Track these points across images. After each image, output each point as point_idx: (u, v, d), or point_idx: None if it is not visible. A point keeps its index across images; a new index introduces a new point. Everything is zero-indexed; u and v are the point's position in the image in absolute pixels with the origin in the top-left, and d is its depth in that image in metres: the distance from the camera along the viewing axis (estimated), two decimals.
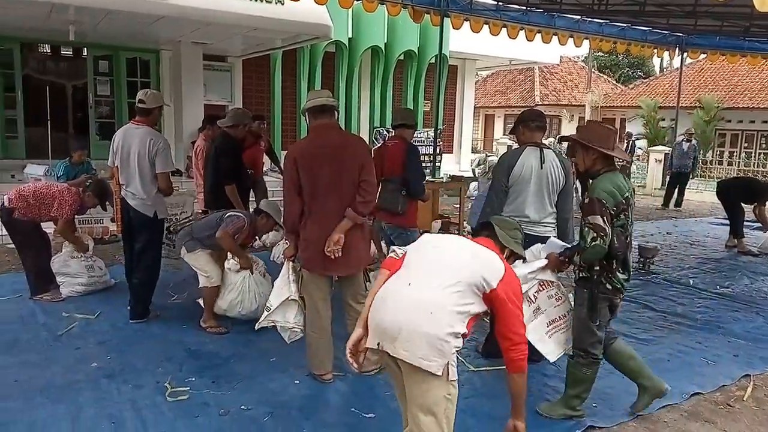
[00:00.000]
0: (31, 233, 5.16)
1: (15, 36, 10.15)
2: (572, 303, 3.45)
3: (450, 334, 2.32)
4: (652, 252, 7.24)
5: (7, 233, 5.42)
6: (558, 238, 4.10)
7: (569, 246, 3.55)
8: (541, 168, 3.93)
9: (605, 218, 3.05)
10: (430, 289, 2.38)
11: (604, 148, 3.17)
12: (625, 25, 9.95)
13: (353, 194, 3.56)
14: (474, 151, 19.98)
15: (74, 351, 4.13)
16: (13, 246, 5.81)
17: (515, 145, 4.56)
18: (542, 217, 3.99)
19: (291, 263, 3.82)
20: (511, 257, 2.76)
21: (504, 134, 20.53)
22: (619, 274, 3.21)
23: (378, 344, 2.39)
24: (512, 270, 2.58)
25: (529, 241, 3.93)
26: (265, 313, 3.75)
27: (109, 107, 11.53)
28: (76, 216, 5.42)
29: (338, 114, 3.77)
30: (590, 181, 3.28)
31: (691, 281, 6.63)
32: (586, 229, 3.08)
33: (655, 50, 11.28)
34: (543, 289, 3.46)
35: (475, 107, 19.39)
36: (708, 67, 23.90)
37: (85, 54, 11.39)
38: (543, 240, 4.00)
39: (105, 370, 3.83)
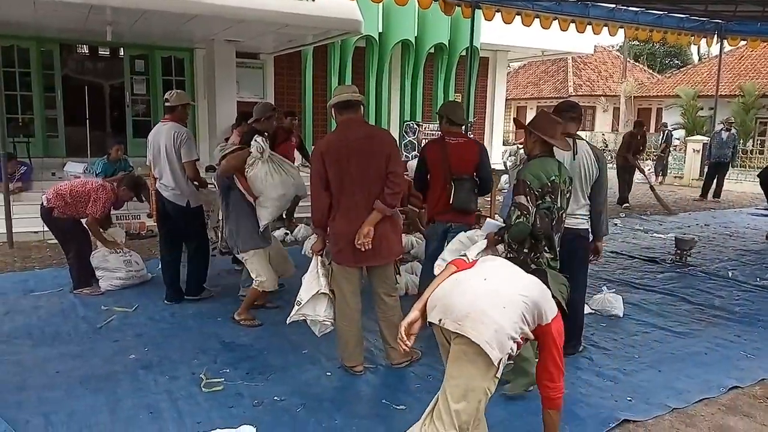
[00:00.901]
0: (71, 229, 5.32)
1: (55, 38, 10.44)
2: None
3: (513, 334, 2.40)
4: (690, 244, 7.08)
5: (48, 230, 5.59)
6: (591, 230, 4.06)
7: (503, 226, 3.56)
8: (574, 159, 3.87)
9: (529, 198, 3.27)
10: (506, 290, 2.49)
11: (544, 135, 3.37)
12: (661, 12, 9.70)
13: (381, 186, 3.58)
14: (505, 143, 19.78)
15: (113, 343, 4.25)
16: (54, 241, 6.01)
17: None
18: (575, 209, 3.93)
19: (319, 257, 3.83)
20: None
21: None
22: (545, 253, 3.36)
23: (440, 320, 2.46)
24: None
25: (563, 234, 3.91)
26: (296, 307, 3.78)
27: (145, 105, 11.77)
28: (113, 211, 5.56)
29: (364, 109, 3.78)
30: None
31: (730, 273, 6.46)
32: (512, 208, 3.27)
33: (692, 38, 10.98)
34: None
35: (506, 99, 19.19)
36: (749, 54, 23.21)
37: (122, 54, 11.63)
38: (578, 232, 3.97)
39: (142, 361, 3.93)
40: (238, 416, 3.23)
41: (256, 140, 4.58)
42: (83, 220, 5.35)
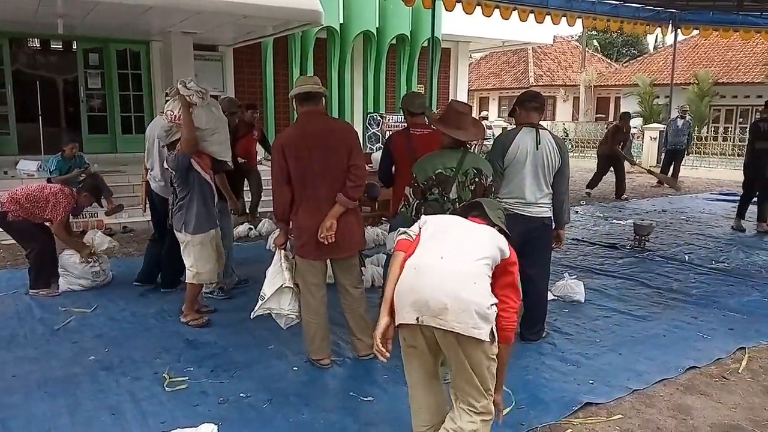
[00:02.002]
0: (30, 230, 5.16)
1: (4, 31, 10.08)
2: None
3: (492, 299, 2.36)
4: (648, 229, 7.25)
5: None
6: (554, 218, 4.13)
7: None
8: (537, 149, 3.92)
9: (413, 190, 3.47)
10: (465, 262, 2.38)
11: (446, 128, 3.47)
12: (617, 2, 9.86)
13: (343, 180, 3.57)
14: None
15: (72, 345, 4.14)
16: (7, 242, 5.81)
17: (509, 127, 4.57)
18: (538, 198, 3.99)
19: (283, 251, 3.80)
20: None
21: (499, 116, 20.42)
22: None
23: (418, 319, 2.36)
24: None
25: (526, 222, 3.96)
26: (260, 302, 3.74)
27: (100, 100, 11.46)
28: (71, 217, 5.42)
29: (326, 101, 3.75)
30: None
31: (687, 257, 6.65)
32: (403, 199, 3.49)
33: (648, 27, 11.19)
34: None
35: (469, 90, 19.34)
36: (702, 42, 23.84)
37: (75, 47, 11.30)
38: (542, 221, 4.02)
39: (103, 362, 3.84)
40: (204, 414, 3.18)
41: (187, 86, 4.39)
42: (47, 224, 5.17)
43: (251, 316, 3.82)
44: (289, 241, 3.85)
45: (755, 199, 8.08)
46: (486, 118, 20.27)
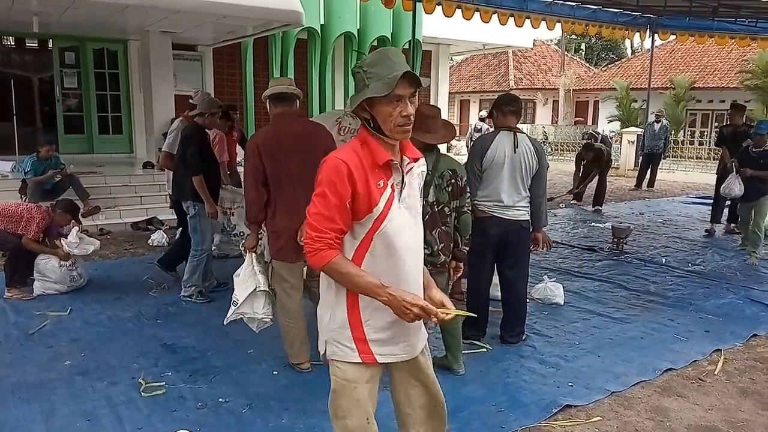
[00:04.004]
0: (5, 237, 5.06)
1: None
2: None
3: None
4: (625, 232, 7.34)
5: None
6: (531, 221, 4.15)
7: None
8: (515, 152, 3.94)
9: None
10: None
11: (416, 131, 3.36)
12: (596, 7, 9.98)
13: None
14: None
15: (47, 349, 4.06)
16: None
17: (487, 130, 4.58)
18: (516, 201, 4.01)
19: (254, 255, 3.74)
20: None
21: (482, 120, 20.51)
22: (434, 246, 3.37)
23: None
24: None
25: (504, 225, 3.99)
26: (233, 307, 3.69)
27: (77, 100, 11.30)
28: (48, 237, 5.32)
29: (302, 102, 3.74)
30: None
31: (664, 260, 6.74)
32: None
33: (626, 32, 11.35)
34: None
35: (450, 92, 19.39)
36: (679, 48, 24.19)
37: (51, 46, 11.13)
38: (519, 224, 4.04)
39: (78, 367, 3.77)
40: (181, 420, 3.14)
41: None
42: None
43: (224, 323, 3.78)
44: (260, 244, 3.81)
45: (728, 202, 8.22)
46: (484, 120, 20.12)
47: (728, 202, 8.19)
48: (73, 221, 5.44)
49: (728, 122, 8.77)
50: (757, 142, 6.65)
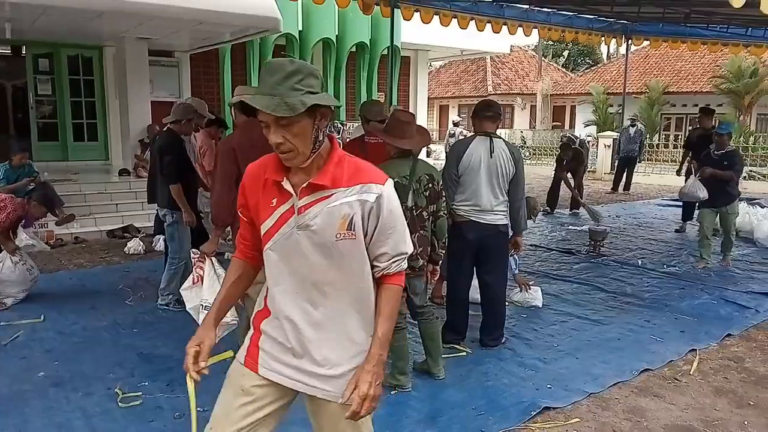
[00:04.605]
0: None
1: None
2: None
3: None
4: (602, 235, 7.42)
5: None
6: (511, 225, 4.18)
7: None
8: (491, 157, 3.97)
9: None
10: None
11: (392, 139, 3.46)
12: (571, 13, 10.11)
13: None
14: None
15: (20, 360, 3.98)
16: None
17: (464, 135, 4.61)
18: (494, 206, 4.04)
19: (214, 260, 3.72)
20: None
21: (455, 125, 20.56)
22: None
23: None
24: None
25: (482, 229, 4.01)
26: (204, 312, 3.68)
27: (51, 107, 11.13)
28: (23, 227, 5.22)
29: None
30: None
31: (640, 262, 6.82)
32: None
33: (603, 38, 11.52)
34: None
35: (429, 98, 19.48)
36: (653, 53, 24.61)
37: (24, 52, 10.95)
38: (497, 228, 4.06)
39: (52, 378, 3.70)
40: (158, 430, 3.10)
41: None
42: None
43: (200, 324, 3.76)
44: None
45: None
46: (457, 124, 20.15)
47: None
48: (48, 213, 5.33)
49: (698, 126, 8.88)
50: (718, 143, 6.46)
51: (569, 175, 9.91)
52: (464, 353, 4.12)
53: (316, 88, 1.66)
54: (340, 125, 12.63)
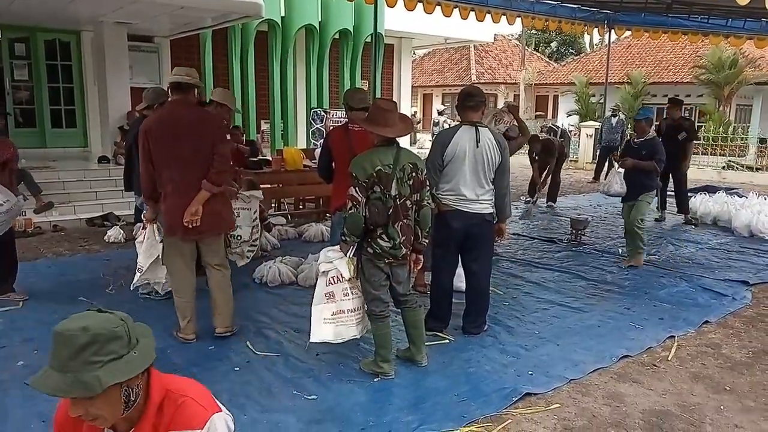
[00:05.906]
0: None
1: None
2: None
3: None
4: (583, 224, 7.49)
5: None
6: (496, 213, 4.20)
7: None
8: (477, 146, 3.97)
9: (358, 189, 3.36)
10: None
11: (374, 128, 3.47)
12: (555, 2, 10.13)
13: (209, 166, 3.82)
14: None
15: None
16: None
17: (448, 124, 4.61)
18: (479, 195, 4.05)
19: (155, 225, 4.22)
20: None
21: (440, 114, 20.54)
22: (381, 241, 3.43)
23: None
24: None
25: (468, 218, 4.02)
26: (138, 274, 4.10)
27: (28, 92, 10.91)
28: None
29: (197, 92, 4.19)
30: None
31: (620, 250, 6.89)
32: (347, 200, 3.39)
33: (585, 27, 11.55)
34: (339, 282, 3.54)
35: (413, 86, 19.42)
36: (635, 43, 24.75)
37: None
38: (483, 217, 4.08)
39: (32, 367, 3.65)
40: None
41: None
42: None
43: (131, 287, 4.18)
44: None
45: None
46: (442, 113, 20.08)
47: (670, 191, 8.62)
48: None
49: (666, 116, 8.92)
50: (637, 130, 6.17)
51: (541, 169, 9.51)
52: (447, 341, 4.15)
53: (120, 351, 1.47)
54: (323, 112, 12.55)
